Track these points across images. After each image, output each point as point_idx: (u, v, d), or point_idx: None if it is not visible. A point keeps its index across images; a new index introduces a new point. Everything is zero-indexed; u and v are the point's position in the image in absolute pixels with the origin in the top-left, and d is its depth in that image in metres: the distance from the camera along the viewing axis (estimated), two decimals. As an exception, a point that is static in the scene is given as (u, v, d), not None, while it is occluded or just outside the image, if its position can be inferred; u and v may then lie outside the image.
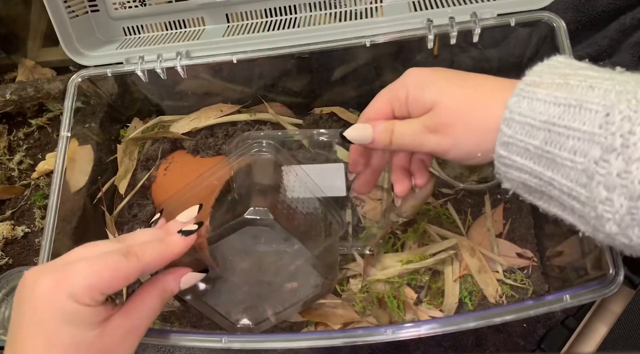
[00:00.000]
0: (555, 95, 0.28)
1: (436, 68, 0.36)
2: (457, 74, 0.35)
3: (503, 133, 0.30)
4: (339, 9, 0.55)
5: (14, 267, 0.63)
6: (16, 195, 0.68)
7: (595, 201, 0.26)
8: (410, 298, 0.54)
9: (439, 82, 0.34)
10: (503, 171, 0.32)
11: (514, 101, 0.30)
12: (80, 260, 0.33)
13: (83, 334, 0.32)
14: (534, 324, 0.54)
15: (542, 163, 0.29)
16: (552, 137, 0.28)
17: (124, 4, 0.57)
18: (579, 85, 0.28)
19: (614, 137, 0.25)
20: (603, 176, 0.26)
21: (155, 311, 0.37)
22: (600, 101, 0.27)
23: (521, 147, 0.30)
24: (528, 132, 0.29)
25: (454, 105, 0.33)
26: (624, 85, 0.27)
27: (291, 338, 0.42)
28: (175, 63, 0.54)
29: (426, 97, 0.34)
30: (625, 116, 0.25)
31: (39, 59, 0.75)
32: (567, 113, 0.27)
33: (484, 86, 0.33)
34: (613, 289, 0.41)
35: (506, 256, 0.55)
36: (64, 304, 0.32)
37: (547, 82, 0.30)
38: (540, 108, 0.29)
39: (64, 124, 0.54)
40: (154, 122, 0.66)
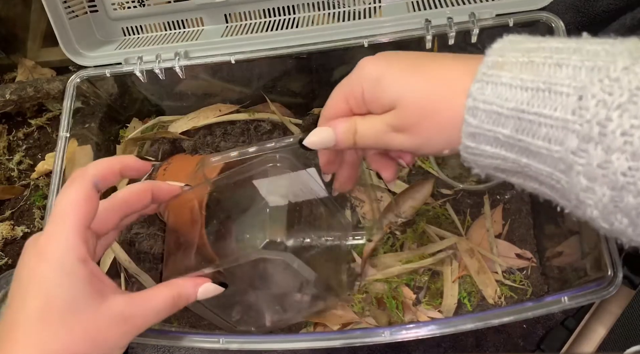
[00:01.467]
0: (521, 77, 0.26)
1: (390, 57, 0.33)
2: (413, 61, 0.32)
3: (468, 124, 0.28)
4: (337, 9, 0.55)
5: (14, 267, 0.63)
6: (16, 195, 0.68)
7: (576, 188, 0.24)
8: (409, 298, 0.54)
9: (396, 76, 0.31)
10: (472, 159, 0.30)
11: (477, 88, 0.27)
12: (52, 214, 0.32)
13: (80, 301, 0.30)
14: (533, 325, 0.54)
15: (515, 150, 0.27)
16: (523, 124, 0.26)
17: (122, 4, 0.57)
18: (544, 63, 0.26)
19: (590, 124, 0.23)
20: (582, 166, 0.24)
21: (161, 311, 0.34)
22: (571, 82, 0.24)
23: (490, 137, 0.27)
24: (496, 120, 0.27)
25: (417, 102, 0.30)
26: (593, 59, 0.24)
27: (290, 339, 0.42)
28: (173, 63, 0.54)
29: (385, 96, 0.31)
30: (600, 100, 0.23)
31: (39, 59, 0.75)
32: (536, 98, 0.25)
33: (445, 72, 0.30)
34: (612, 290, 0.41)
35: (505, 257, 0.55)
36: (62, 256, 0.30)
37: (510, 61, 0.27)
38: (506, 94, 0.26)
39: (63, 124, 0.54)
40: (153, 122, 0.66)
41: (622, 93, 0.22)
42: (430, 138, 0.31)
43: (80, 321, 0.30)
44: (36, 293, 0.30)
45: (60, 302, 0.30)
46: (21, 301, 0.30)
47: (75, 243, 0.31)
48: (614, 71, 0.23)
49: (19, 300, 0.30)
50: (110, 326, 0.31)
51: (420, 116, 0.30)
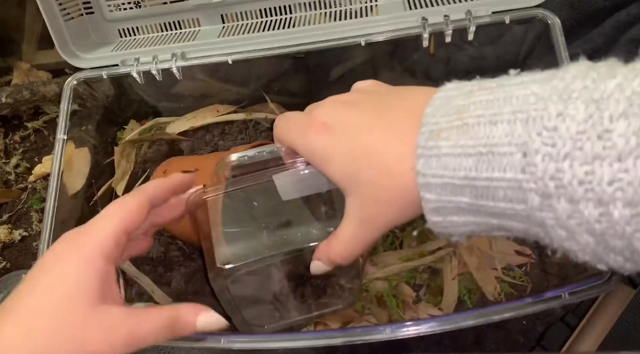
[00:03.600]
0: (460, 144, 0.25)
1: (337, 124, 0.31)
2: (359, 133, 0.30)
3: (427, 201, 0.26)
4: (334, 9, 0.55)
5: (12, 271, 0.63)
6: (13, 199, 0.68)
7: (558, 239, 0.23)
8: (409, 296, 0.54)
9: (345, 160, 0.30)
10: (446, 232, 0.28)
11: (422, 163, 0.26)
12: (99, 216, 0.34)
13: (83, 295, 0.30)
14: (533, 321, 0.54)
15: (483, 214, 0.25)
16: (480, 190, 0.24)
17: (118, 5, 0.57)
18: (478, 122, 0.24)
19: (544, 181, 0.21)
20: (554, 220, 0.22)
21: (155, 330, 0.32)
22: (510, 140, 0.23)
23: (453, 207, 0.26)
24: (452, 191, 0.25)
25: (371, 194, 0.29)
26: (525, 109, 0.23)
27: (291, 338, 0.42)
28: (170, 64, 0.54)
29: (336, 182, 0.31)
30: (545, 154, 0.21)
31: (35, 62, 0.75)
32: (482, 162, 0.24)
33: (390, 151, 0.28)
34: (611, 285, 0.41)
35: (504, 254, 0.55)
36: (91, 248, 0.32)
37: (445, 127, 0.25)
38: (452, 164, 0.25)
39: (60, 127, 0.54)
40: (151, 123, 0.66)
41: (564, 142, 0.21)
42: (394, 222, 0.30)
43: (71, 323, 0.30)
44: (53, 273, 0.31)
45: (67, 289, 0.30)
46: (36, 278, 0.31)
47: (107, 240, 0.32)
48: (549, 120, 0.21)
49: (35, 277, 0.31)
50: (99, 335, 0.30)
51: (380, 206, 0.29)
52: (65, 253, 0.32)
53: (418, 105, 0.28)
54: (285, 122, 0.34)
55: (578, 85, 0.22)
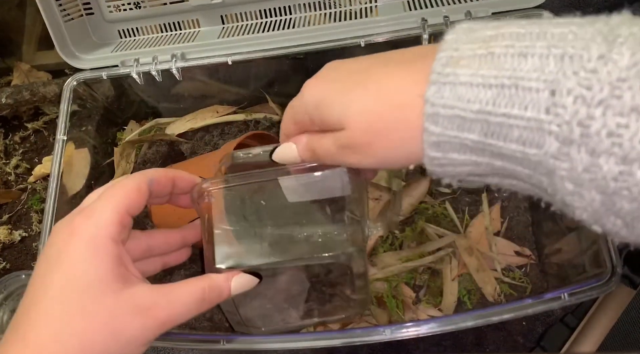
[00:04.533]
0: (481, 73, 0.22)
1: (330, 75, 0.30)
2: (356, 75, 0.28)
3: (430, 133, 0.24)
4: (334, 9, 0.55)
5: (12, 272, 0.63)
6: (13, 199, 0.68)
7: (561, 192, 0.22)
8: (409, 297, 0.54)
9: (337, 97, 0.28)
10: (440, 171, 0.26)
11: (433, 91, 0.24)
12: (98, 198, 0.31)
13: (103, 283, 0.28)
14: (533, 322, 0.54)
15: (487, 154, 0.24)
16: (492, 128, 0.22)
17: (118, 6, 0.57)
18: (506, 53, 0.22)
19: (570, 125, 0.20)
20: (566, 170, 0.21)
21: (188, 304, 0.31)
22: (539, 75, 0.21)
23: (456, 143, 0.24)
24: (460, 125, 0.23)
25: (364, 122, 0.27)
26: (561, 45, 0.21)
27: (290, 339, 0.42)
28: (170, 65, 0.54)
29: (331, 119, 0.28)
30: (578, 96, 0.20)
31: (35, 63, 0.75)
32: (502, 96, 0.22)
33: (393, 80, 0.26)
34: (611, 286, 0.41)
35: (504, 255, 0.55)
36: (95, 232, 0.29)
37: (467, 55, 0.23)
38: (467, 95, 0.23)
39: (60, 128, 0.54)
40: (151, 124, 0.66)
41: (602, 87, 0.19)
42: (387, 156, 0.27)
43: (98, 306, 0.28)
44: (61, 270, 0.28)
45: (83, 281, 0.28)
46: (45, 277, 0.29)
47: (110, 222, 0.30)
48: (589, 61, 0.20)
49: (42, 277, 0.29)
50: (129, 315, 0.28)
51: (372, 135, 0.27)
52: (69, 245, 0.29)
53: (429, 49, 0.26)
54: (287, 108, 0.33)
55: (624, 31, 0.20)
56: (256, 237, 0.37)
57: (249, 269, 0.35)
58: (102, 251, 0.29)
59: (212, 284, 0.32)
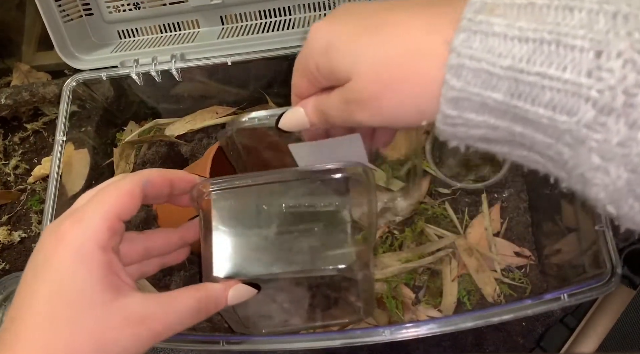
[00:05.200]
0: (518, 25, 0.20)
1: (343, 17, 0.26)
2: (372, 18, 0.25)
3: (451, 87, 0.22)
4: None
5: (11, 272, 0.63)
6: (12, 200, 0.68)
7: (584, 165, 0.20)
8: (408, 297, 0.54)
9: (348, 41, 0.25)
10: (451, 131, 0.24)
11: (462, 39, 0.21)
12: (88, 201, 0.30)
13: (92, 293, 0.27)
14: (532, 323, 0.54)
15: (509, 117, 0.22)
16: (521, 87, 0.20)
17: (118, 7, 0.57)
18: (549, 4, 0.20)
19: (613, 92, 0.18)
20: (597, 142, 0.19)
21: (184, 314, 0.29)
22: (586, 33, 0.18)
23: (477, 102, 0.22)
24: (486, 81, 0.21)
25: (372, 71, 0.24)
26: (615, 2, 0.18)
27: (290, 340, 0.42)
28: (170, 66, 0.54)
29: (338, 67, 0.26)
30: (628, 60, 0.17)
31: (34, 63, 0.75)
32: (539, 53, 0.19)
33: (413, 22, 0.23)
34: (611, 287, 0.41)
35: (504, 255, 0.55)
36: (83, 240, 0.27)
37: (503, 3, 0.21)
38: (499, 48, 0.20)
39: (60, 128, 0.54)
40: (150, 125, 0.66)
41: None
42: (395, 113, 0.25)
43: (88, 319, 0.26)
44: (48, 279, 0.27)
45: (71, 292, 0.26)
46: (32, 286, 0.27)
47: (99, 229, 0.28)
48: None
49: (29, 285, 0.27)
50: (121, 326, 0.27)
51: (380, 87, 0.24)
52: (56, 252, 0.27)
53: (439, 4, 0.23)
54: (296, 62, 0.30)
55: None
56: (256, 244, 0.36)
57: (247, 280, 0.34)
58: (89, 260, 0.27)
59: (208, 294, 0.31)
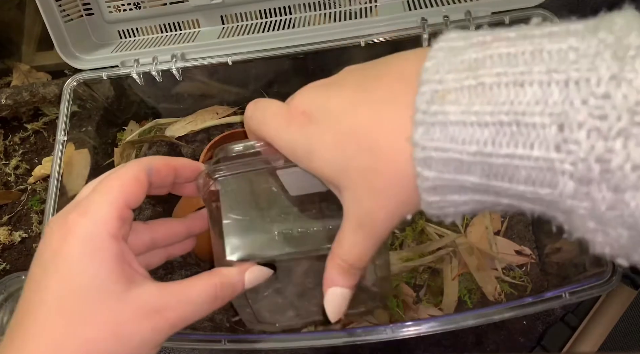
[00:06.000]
0: (474, 110, 0.19)
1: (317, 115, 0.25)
2: (343, 119, 0.24)
3: (424, 178, 0.21)
4: (333, 9, 0.55)
5: (12, 273, 0.63)
6: (13, 200, 0.68)
7: (581, 229, 0.19)
8: (409, 296, 0.54)
9: (330, 149, 0.24)
10: (441, 213, 0.23)
11: (421, 133, 0.21)
12: (92, 191, 0.29)
13: (105, 284, 0.26)
14: (533, 321, 0.54)
15: (492, 193, 0.21)
16: (495, 169, 0.20)
17: (118, 7, 0.57)
18: (499, 83, 0.19)
19: (587, 163, 0.17)
20: (587, 209, 0.18)
21: (200, 302, 0.28)
22: (543, 108, 0.18)
23: (455, 186, 0.21)
24: (457, 167, 0.20)
25: (367, 183, 0.24)
26: (563, 68, 0.18)
27: (292, 338, 0.42)
28: (170, 65, 0.54)
29: (324, 175, 0.26)
30: (592, 129, 0.17)
31: (34, 63, 0.75)
32: (502, 135, 0.19)
33: (381, 125, 0.23)
34: (612, 285, 0.41)
35: (505, 254, 0.55)
36: (93, 229, 0.26)
37: (453, 87, 0.20)
38: (461, 136, 0.20)
39: (60, 128, 0.54)
40: (151, 124, 0.66)
41: (619, 115, 0.17)
42: (399, 213, 0.25)
43: (102, 311, 0.25)
44: (58, 273, 0.26)
45: (83, 285, 0.26)
46: (41, 281, 0.26)
47: (108, 217, 0.27)
48: (598, 85, 0.17)
49: (37, 280, 0.26)
50: (137, 318, 0.26)
51: (373, 197, 0.24)
52: (65, 245, 0.26)
53: (411, 66, 0.23)
54: (261, 114, 0.29)
55: (634, 40, 0.17)
56: (268, 227, 0.35)
57: (262, 261, 0.33)
58: (101, 250, 0.26)
59: (224, 280, 0.30)
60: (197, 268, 0.57)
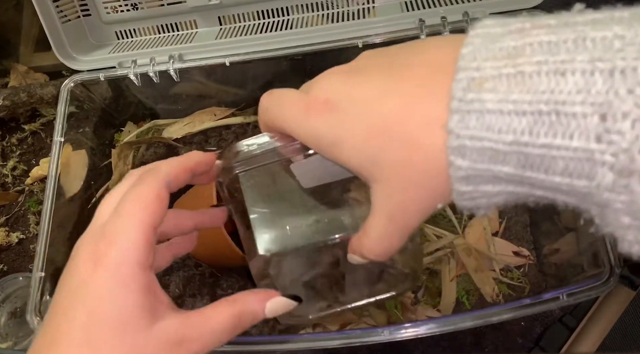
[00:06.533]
0: (512, 99, 0.19)
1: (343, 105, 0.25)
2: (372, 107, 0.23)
3: (457, 167, 0.21)
4: (331, 10, 0.55)
5: (9, 274, 0.63)
6: (10, 202, 0.68)
7: (613, 225, 0.19)
8: (407, 297, 0.54)
9: (359, 140, 0.24)
10: (472, 205, 0.23)
11: (456, 121, 0.20)
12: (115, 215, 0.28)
13: (131, 319, 0.26)
14: (531, 322, 0.54)
15: (526, 185, 0.21)
16: (530, 160, 0.19)
17: (115, 8, 0.57)
18: (539, 71, 0.19)
19: (629, 154, 0.17)
20: (624, 203, 0.18)
21: (221, 333, 0.29)
22: (585, 97, 0.17)
23: (489, 176, 0.21)
24: (492, 157, 0.20)
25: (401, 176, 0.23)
26: (609, 57, 0.17)
27: (289, 340, 0.42)
28: (168, 66, 0.54)
29: (352, 167, 0.25)
30: (636, 119, 0.16)
31: (32, 64, 0.75)
32: (541, 125, 0.19)
33: (412, 115, 0.22)
34: (610, 286, 0.41)
35: (503, 255, 0.55)
36: (122, 261, 0.27)
37: (491, 75, 0.20)
38: (498, 125, 0.19)
39: (57, 129, 0.54)
40: (148, 125, 0.66)
41: None
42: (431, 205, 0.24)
43: (127, 344, 0.26)
44: (86, 304, 0.26)
45: (110, 317, 0.26)
46: (69, 311, 0.27)
47: (136, 245, 0.27)
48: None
49: (66, 309, 0.27)
50: (160, 351, 0.27)
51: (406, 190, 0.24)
52: (94, 275, 0.26)
53: (444, 54, 0.22)
54: (277, 104, 0.28)
55: None
56: (295, 217, 0.34)
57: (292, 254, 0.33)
58: (129, 283, 0.26)
59: (244, 309, 0.30)
60: (195, 270, 0.57)
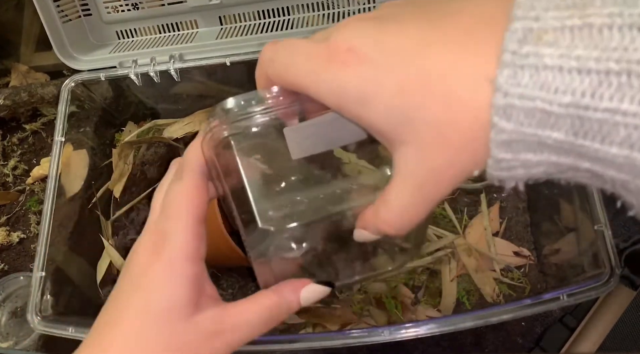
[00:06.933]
0: (576, 55, 0.16)
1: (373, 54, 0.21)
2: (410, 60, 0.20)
3: (500, 130, 0.18)
4: (331, 10, 0.55)
5: (10, 273, 0.63)
6: (11, 201, 0.68)
7: None
8: (408, 297, 0.54)
9: (393, 96, 0.20)
10: (506, 175, 0.20)
11: (507, 76, 0.18)
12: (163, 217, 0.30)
13: (177, 308, 0.28)
14: (532, 322, 0.54)
15: (573, 155, 0.18)
16: (587, 125, 0.17)
17: (116, 7, 0.57)
18: (611, 25, 0.16)
19: None
20: None
21: (256, 325, 0.30)
22: None
23: (533, 142, 0.18)
24: (542, 120, 0.18)
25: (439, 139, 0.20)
26: None
27: (289, 340, 0.42)
28: (168, 66, 0.54)
29: (382, 129, 0.22)
30: None
31: (32, 64, 0.75)
32: (607, 86, 0.16)
33: (455, 66, 0.19)
34: (610, 286, 0.41)
35: (503, 255, 0.55)
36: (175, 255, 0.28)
37: (552, 26, 0.17)
38: (555, 83, 0.17)
39: (58, 129, 0.54)
40: (149, 125, 0.66)
41: None
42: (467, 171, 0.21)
43: (174, 333, 0.28)
44: (142, 291, 0.28)
45: (158, 307, 0.28)
46: (129, 296, 0.29)
47: (186, 240, 0.29)
48: None
49: (127, 292, 0.29)
50: (199, 340, 0.28)
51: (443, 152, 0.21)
52: (150, 266, 0.29)
53: (493, 4, 0.20)
54: (287, 54, 0.24)
55: None
56: (297, 187, 0.32)
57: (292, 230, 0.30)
58: (179, 276, 0.28)
59: (280, 301, 0.30)
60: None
